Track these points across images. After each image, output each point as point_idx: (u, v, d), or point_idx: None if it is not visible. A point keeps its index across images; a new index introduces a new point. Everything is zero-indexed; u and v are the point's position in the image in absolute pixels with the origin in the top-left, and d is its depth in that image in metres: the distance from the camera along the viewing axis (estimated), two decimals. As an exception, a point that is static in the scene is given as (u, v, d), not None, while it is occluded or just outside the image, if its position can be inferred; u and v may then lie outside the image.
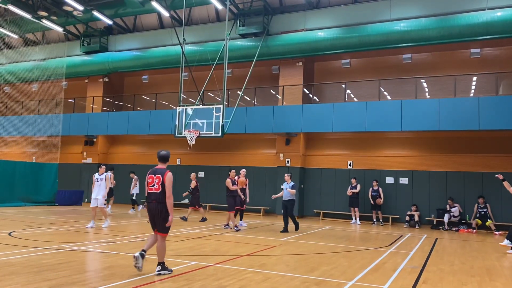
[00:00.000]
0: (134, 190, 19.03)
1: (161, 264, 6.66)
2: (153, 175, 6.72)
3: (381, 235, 13.73)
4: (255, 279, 6.66)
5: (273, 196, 14.09)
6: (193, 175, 16.35)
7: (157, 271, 6.62)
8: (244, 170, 14.69)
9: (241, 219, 14.60)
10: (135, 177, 19.17)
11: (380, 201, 17.35)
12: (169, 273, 6.66)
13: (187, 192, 16.27)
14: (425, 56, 19.22)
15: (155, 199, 6.63)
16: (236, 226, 13.51)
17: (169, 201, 6.57)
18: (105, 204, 13.02)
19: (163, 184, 6.59)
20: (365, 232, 14.73)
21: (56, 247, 8.88)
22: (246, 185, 14.54)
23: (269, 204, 19.69)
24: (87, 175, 23.33)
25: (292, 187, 13.20)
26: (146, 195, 6.88)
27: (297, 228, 13.53)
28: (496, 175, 11.37)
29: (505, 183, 10.87)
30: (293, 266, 7.89)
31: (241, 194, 13.91)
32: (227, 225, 13.86)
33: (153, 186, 6.66)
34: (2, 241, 9.52)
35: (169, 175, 6.65)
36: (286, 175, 13.71)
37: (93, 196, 12.81)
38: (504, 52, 18.00)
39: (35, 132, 23.08)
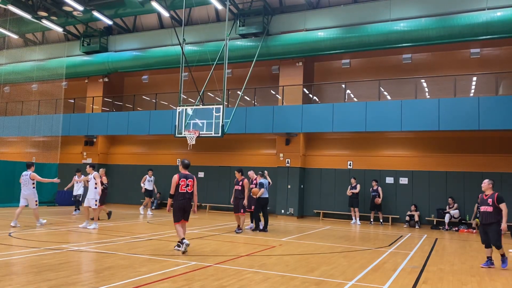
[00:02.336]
0: (81, 190, 16.92)
1: (181, 243, 8.70)
2: (185, 179, 8.80)
3: (381, 235, 13.73)
4: (255, 279, 6.66)
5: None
6: (102, 170, 15.30)
7: (182, 249, 8.63)
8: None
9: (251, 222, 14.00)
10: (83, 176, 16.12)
11: (378, 200, 17.35)
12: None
13: (101, 188, 14.38)
14: (425, 56, 19.22)
15: (189, 197, 8.82)
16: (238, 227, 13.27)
17: (196, 198, 9.05)
18: (95, 205, 12.55)
19: (193, 186, 8.88)
20: (365, 232, 14.73)
21: (56, 247, 8.89)
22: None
23: (269, 204, 19.64)
24: (87, 175, 23.31)
25: (259, 185, 13.10)
26: (173, 193, 8.72)
27: (255, 228, 13.31)
28: None
29: None
30: (293, 266, 7.89)
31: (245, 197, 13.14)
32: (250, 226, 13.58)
33: (186, 187, 8.77)
34: (2, 241, 9.52)
35: (195, 179, 9.06)
36: (259, 172, 13.65)
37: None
38: (504, 52, 18.01)
39: (35, 132, 23.06)
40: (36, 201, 12.58)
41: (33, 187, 12.63)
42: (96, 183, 12.73)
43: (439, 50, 18.73)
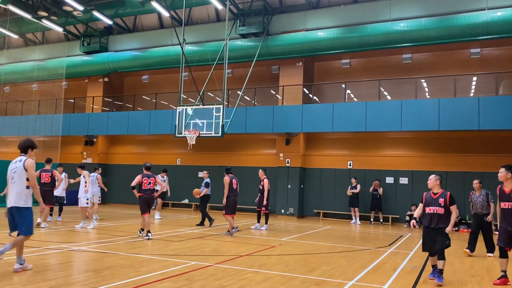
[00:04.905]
0: (61, 192, 15.01)
1: (150, 232, 10.78)
2: (147, 178, 10.97)
3: (381, 235, 13.73)
4: (255, 279, 6.66)
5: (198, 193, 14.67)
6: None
7: (150, 237, 10.57)
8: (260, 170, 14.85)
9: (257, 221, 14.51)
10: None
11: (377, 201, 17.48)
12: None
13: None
14: (425, 56, 19.22)
15: (151, 192, 10.97)
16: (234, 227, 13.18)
17: (163, 189, 11.75)
18: (87, 204, 12.74)
19: (155, 182, 11.13)
20: (365, 232, 14.73)
21: (56, 247, 8.89)
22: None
23: (269, 203, 19.62)
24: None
25: (205, 185, 14.43)
26: (133, 186, 10.89)
27: (199, 223, 14.37)
28: None
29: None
30: (293, 266, 7.89)
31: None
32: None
33: (149, 184, 10.93)
34: (2, 241, 9.51)
35: (156, 177, 11.33)
36: (204, 171, 15.05)
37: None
38: (504, 52, 18.00)
39: (35, 132, 23.03)
40: (99, 197, 14.45)
41: (98, 186, 14.39)
42: (86, 182, 12.91)
43: (439, 50, 18.73)
